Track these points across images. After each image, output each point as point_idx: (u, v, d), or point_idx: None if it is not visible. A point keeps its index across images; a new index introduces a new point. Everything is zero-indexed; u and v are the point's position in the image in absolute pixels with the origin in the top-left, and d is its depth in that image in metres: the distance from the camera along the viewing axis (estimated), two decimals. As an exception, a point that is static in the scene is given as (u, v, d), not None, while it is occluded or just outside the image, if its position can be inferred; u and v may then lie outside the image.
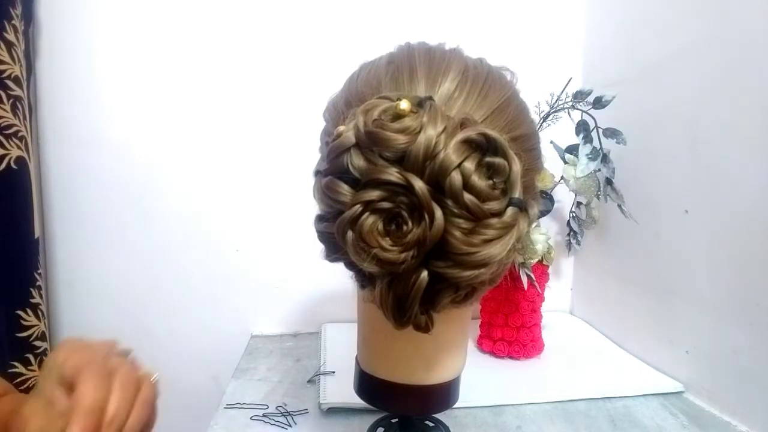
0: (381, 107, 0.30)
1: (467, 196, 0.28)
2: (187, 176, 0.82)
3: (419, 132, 0.28)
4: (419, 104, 0.30)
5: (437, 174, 0.28)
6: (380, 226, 0.29)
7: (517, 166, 0.29)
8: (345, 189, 0.30)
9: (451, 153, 0.28)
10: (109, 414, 0.34)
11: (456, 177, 0.28)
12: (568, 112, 0.70)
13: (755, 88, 0.53)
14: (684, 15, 0.64)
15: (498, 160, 0.29)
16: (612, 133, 0.68)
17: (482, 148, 0.29)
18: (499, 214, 0.29)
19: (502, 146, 0.29)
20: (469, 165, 0.28)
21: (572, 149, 0.71)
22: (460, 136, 0.28)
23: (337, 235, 0.31)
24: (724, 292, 0.58)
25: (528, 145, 0.35)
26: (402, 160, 0.29)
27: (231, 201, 0.83)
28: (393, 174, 0.28)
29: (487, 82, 0.34)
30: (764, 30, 0.52)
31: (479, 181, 0.29)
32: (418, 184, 0.28)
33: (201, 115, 0.82)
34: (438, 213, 0.28)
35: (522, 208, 0.30)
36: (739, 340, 0.55)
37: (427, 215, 0.28)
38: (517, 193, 0.30)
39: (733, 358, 0.56)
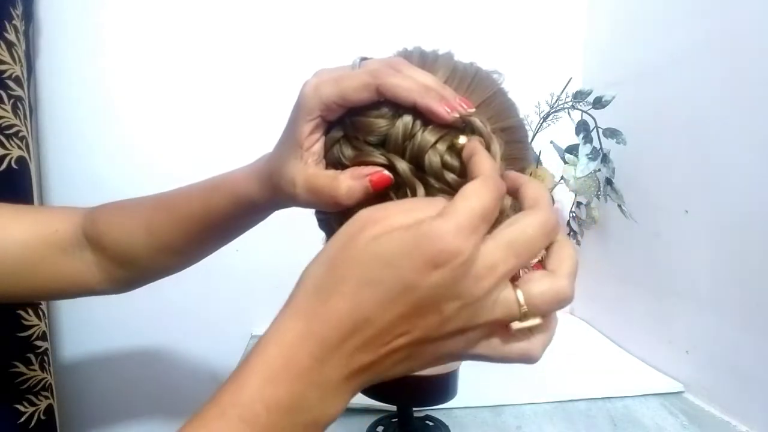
0: None
1: (447, 173, 0.30)
2: (188, 176, 0.81)
3: (398, 116, 0.30)
4: None
5: (417, 153, 0.30)
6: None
7: (495, 146, 0.31)
8: None
9: (427, 134, 0.30)
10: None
11: (433, 155, 0.30)
12: (568, 112, 0.70)
13: (756, 88, 0.53)
14: (684, 15, 0.64)
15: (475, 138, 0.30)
16: (612, 133, 0.68)
17: (458, 129, 0.31)
18: None
19: (477, 126, 0.30)
20: (446, 144, 0.30)
21: (572, 149, 0.71)
22: None
23: (334, 219, 0.33)
24: (724, 292, 0.58)
25: (515, 136, 0.36)
26: (384, 143, 0.31)
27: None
28: (377, 156, 0.31)
29: (474, 80, 0.35)
30: (765, 30, 0.52)
31: (456, 158, 0.30)
32: (400, 164, 0.30)
33: (202, 115, 0.82)
34: (420, 190, 0.30)
35: None
36: (739, 340, 0.55)
37: (409, 191, 0.30)
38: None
39: (733, 358, 0.56)
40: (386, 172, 0.30)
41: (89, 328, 0.83)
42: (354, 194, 0.31)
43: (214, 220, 0.41)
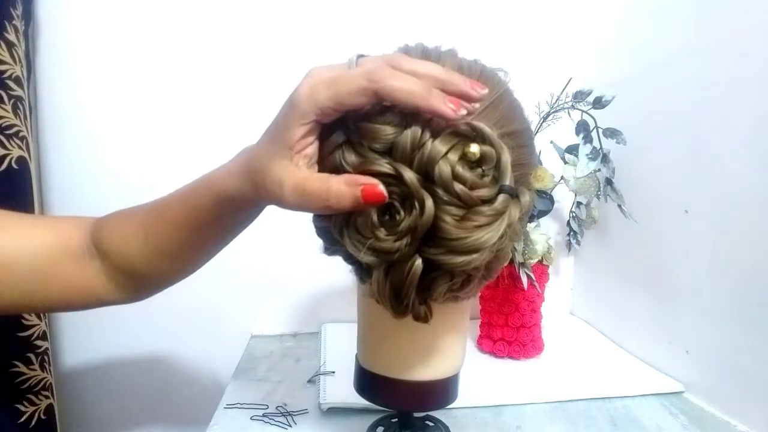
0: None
1: (457, 185, 0.29)
2: (188, 176, 0.82)
3: (406, 123, 0.29)
4: None
5: (426, 164, 0.29)
6: (374, 217, 0.30)
7: (506, 155, 0.30)
8: None
9: (438, 143, 0.29)
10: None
11: (444, 166, 0.29)
12: (568, 112, 0.70)
13: (755, 88, 0.53)
14: (684, 15, 0.64)
15: (486, 148, 0.30)
16: (612, 133, 0.68)
17: (469, 138, 0.30)
18: (489, 200, 0.30)
19: (488, 136, 0.30)
20: (457, 154, 0.29)
21: (572, 149, 0.71)
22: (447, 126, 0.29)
23: (334, 228, 0.32)
24: (724, 292, 0.58)
25: (521, 140, 0.36)
26: (391, 151, 0.30)
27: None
28: (383, 165, 0.29)
29: (479, 80, 0.34)
30: (765, 30, 0.52)
31: (467, 169, 0.29)
32: (408, 174, 0.29)
33: (201, 115, 0.82)
34: (428, 201, 0.29)
35: (513, 195, 0.30)
36: (739, 340, 0.55)
37: (417, 203, 0.29)
38: (508, 181, 0.30)
39: (733, 358, 0.56)
40: (381, 188, 0.29)
41: (89, 328, 0.83)
42: (343, 201, 0.29)
43: (200, 221, 0.40)
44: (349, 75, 0.30)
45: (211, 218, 0.40)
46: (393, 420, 0.50)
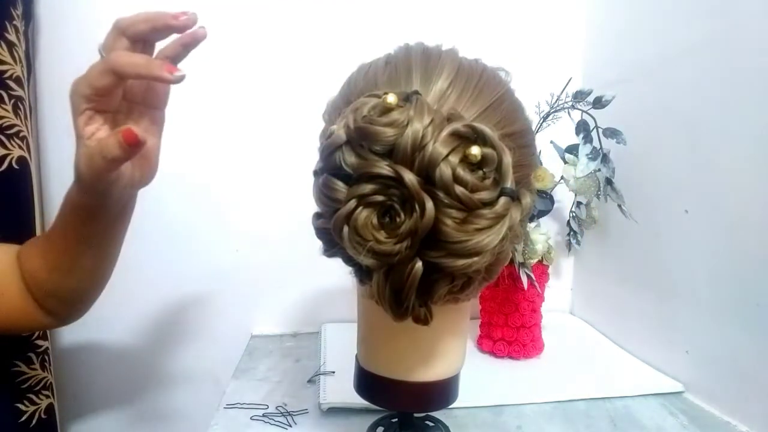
0: (370, 104, 0.30)
1: (458, 187, 0.29)
2: (188, 176, 0.82)
3: (407, 125, 0.29)
4: (406, 99, 0.30)
5: (427, 166, 0.29)
6: (374, 220, 0.30)
7: (507, 157, 0.30)
8: (340, 185, 0.31)
9: (439, 145, 0.28)
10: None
11: (445, 168, 0.28)
12: (568, 112, 0.70)
13: (755, 88, 0.53)
14: (684, 15, 0.64)
15: (487, 150, 0.30)
16: (612, 133, 0.68)
17: (470, 140, 0.29)
18: (490, 203, 0.30)
19: (490, 138, 0.29)
20: (458, 156, 0.29)
21: (572, 149, 0.71)
22: (448, 128, 0.29)
23: (334, 230, 0.31)
24: (724, 292, 0.58)
25: (522, 141, 0.36)
26: (391, 153, 0.29)
27: (231, 201, 0.83)
28: (383, 167, 0.29)
29: (480, 81, 0.34)
30: (764, 30, 0.52)
31: (468, 172, 0.29)
32: (408, 176, 0.28)
33: (201, 114, 0.82)
34: (429, 204, 0.28)
35: (514, 197, 0.30)
36: (739, 340, 0.55)
37: (418, 206, 0.29)
38: (509, 183, 0.30)
39: (733, 358, 0.56)
40: (136, 131, 0.36)
41: (90, 328, 0.83)
42: (113, 149, 0.35)
43: (74, 231, 0.44)
44: (95, 63, 0.38)
45: (78, 227, 0.44)
46: (393, 420, 0.50)
